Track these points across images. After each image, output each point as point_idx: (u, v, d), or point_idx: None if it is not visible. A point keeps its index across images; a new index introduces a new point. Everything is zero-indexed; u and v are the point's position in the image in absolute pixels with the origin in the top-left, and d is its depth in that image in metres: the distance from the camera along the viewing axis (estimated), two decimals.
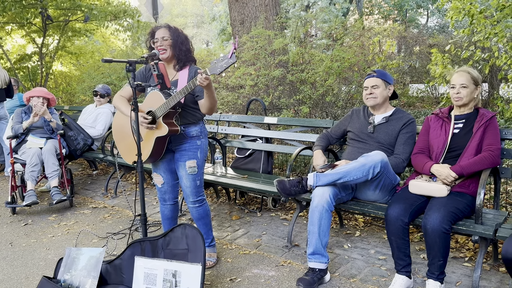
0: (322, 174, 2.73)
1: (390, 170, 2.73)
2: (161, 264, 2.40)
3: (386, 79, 3.01)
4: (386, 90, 3.01)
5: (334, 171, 2.70)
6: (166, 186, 2.98)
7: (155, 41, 2.75)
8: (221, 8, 21.95)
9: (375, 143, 2.98)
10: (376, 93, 2.98)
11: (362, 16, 17.24)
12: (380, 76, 3.00)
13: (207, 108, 2.70)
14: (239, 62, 6.43)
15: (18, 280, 2.93)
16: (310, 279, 2.60)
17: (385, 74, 3.04)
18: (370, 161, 2.63)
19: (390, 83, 3.03)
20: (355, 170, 2.63)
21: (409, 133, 2.94)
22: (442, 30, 17.67)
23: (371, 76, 3.04)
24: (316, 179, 2.73)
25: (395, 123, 2.98)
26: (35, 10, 7.76)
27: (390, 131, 2.96)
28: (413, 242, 3.24)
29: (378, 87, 2.99)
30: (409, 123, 2.96)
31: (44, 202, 4.71)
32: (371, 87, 3.00)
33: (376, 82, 2.99)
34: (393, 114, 3.03)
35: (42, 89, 4.75)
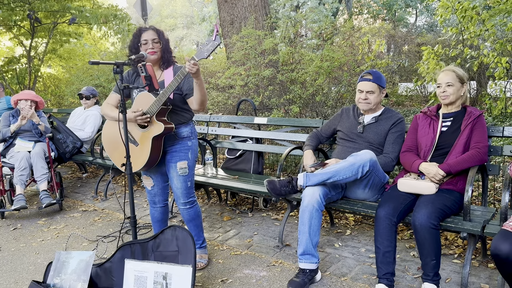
0: (311, 174, 2.74)
1: (379, 169, 2.75)
2: (151, 267, 2.39)
3: (381, 83, 2.99)
4: (380, 95, 3.01)
5: (324, 171, 2.71)
6: (156, 189, 2.97)
7: (143, 43, 2.74)
8: (211, 9, 21.93)
9: (365, 143, 2.99)
10: (371, 99, 2.97)
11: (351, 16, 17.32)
12: (375, 81, 2.96)
13: (199, 102, 2.65)
14: (229, 62, 6.42)
15: (7, 285, 2.89)
16: (301, 281, 2.60)
17: (380, 77, 3.01)
18: (359, 160, 2.64)
19: (384, 87, 3.02)
20: (344, 169, 2.64)
21: (398, 132, 2.95)
22: (430, 29, 17.82)
23: (366, 80, 2.98)
24: (306, 179, 2.73)
25: (384, 122, 2.99)
26: (23, 12, 7.69)
27: (380, 131, 2.98)
28: (403, 240, 3.26)
29: (373, 92, 2.96)
30: (398, 122, 2.97)
31: (33, 206, 4.66)
32: (366, 92, 2.97)
33: (371, 88, 2.96)
34: (382, 114, 3.04)
35: (30, 92, 4.70)
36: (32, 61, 8.66)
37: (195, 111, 2.82)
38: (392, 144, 2.93)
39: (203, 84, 2.60)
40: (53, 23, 8.33)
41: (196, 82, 2.56)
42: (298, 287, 2.58)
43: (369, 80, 2.96)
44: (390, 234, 2.47)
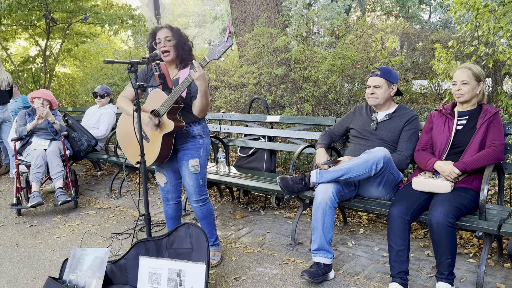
0: (324, 171, 2.73)
1: (393, 167, 2.73)
2: (165, 264, 2.41)
3: (390, 78, 2.96)
4: (388, 90, 2.97)
5: (337, 167, 2.70)
6: (169, 186, 2.99)
7: (157, 41, 2.76)
8: (223, 7, 21.97)
9: (378, 140, 2.97)
10: (378, 94, 2.95)
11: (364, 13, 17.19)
12: (383, 76, 2.95)
13: (198, 109, 2.69)
14: (242, 60, 6.43)
15: (24, 281, 2.95)
16: (314, 271, 2.61)
17: (389, 72, 2.98)
18: (372, 157, 2.63)
19: (393, 83, 2.98)
20: (357, 166, 2.63)
21: (412, 129, 2.92)
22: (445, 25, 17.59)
23: (374, 74, 2.99)
24: (319, 176, 2.73)
25: (398, 120, 2.96)
26: (39, 12, 7.80)
27: (393, 128, 2.95)
28: (417, 239, 3.24)
29: (380, 87, 2.95)
30: (412, 119, 2.94)
31: (49, 203, 4.73)
32: (373, 87, 2.96)
33: (378, 82, 2.95)
34: (396, 111, 3.01)
35: (44, 91, 4.78)
36: (47, 60, 8.78)
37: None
38: (406, 141, 2.90)
39: (206, 94, 2.61)
40: (68, 23, 8.44)
41: (199, 89, 2.57)
42: (312, 275, 2.59)
43: (377, 75, 2.96)
44: (403, 233, 2.45)
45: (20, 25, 8.53)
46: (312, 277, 2.58)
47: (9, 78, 5.84)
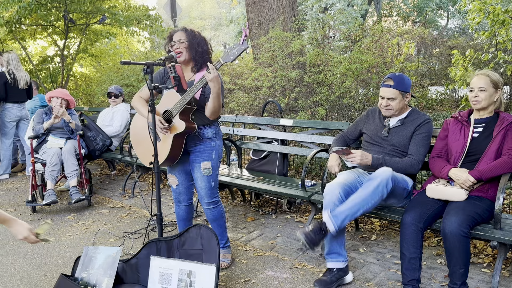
0: (339, 211, 2.56)
1: (399, 180, 2.67)
2: (176, 264, 2.42)
3: (404, 88, 2.82)
4: (403, 100, 2.85)
5: (350, 203, 2.56)
6: (181, 187, 3.01)
7: (172, 44, 2.79)
8: (239, 11, 22.04)
9: (389, 146, 2.90)
10: (392, 105, 2.83)
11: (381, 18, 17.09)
12: (397, 87, 2.80)
13: (210, 111, 2.71)
14: (256, 63, 6.44)
15: (37, 277, 2.99)
16: (327, 279, 2.61)
17: (402, 81, 2.83)
18: (380, 181, 2.54)
19: (407, 91, 2.86)
20: (370, 196, 2.54)
21: (424, 134, 2.81)
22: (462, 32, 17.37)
23: (387, 86, 2.83)
24: (335, 221, 2.54)
25: (410, 125, 2.87)
26: (59, 13, 7.94)
27: (405, 134, 2.86)
28: (430, 247, 3.20)
29: (394, 99, 2.82)
30: (424, 123, 2.83)
31: (63, 201, 4.80)
32: (387, 99, 2.83)
33: (392, 94, 2.81)
34: (409, 116, 2.91)
35: (62, 91, 4.85)
36: (65, 60, 8.92)
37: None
38: (416, 145, 2.80)
39: (219, 96, 2.62)
40: (86, 24, 8.57)
41: (212, 90, 2.58)
42: (323, 285, 2.59)
43: (390, 86, 2.81)
44: (416, 240, 2.43)
45: (40, 25, 8.69)
46: (322, 285, 2.59)
47: (27, 77, 5.94)
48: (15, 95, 5.83)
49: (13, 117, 5.88)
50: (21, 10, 6.62)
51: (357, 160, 2.70)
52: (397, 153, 2.85)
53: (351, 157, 2.73)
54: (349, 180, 2.77)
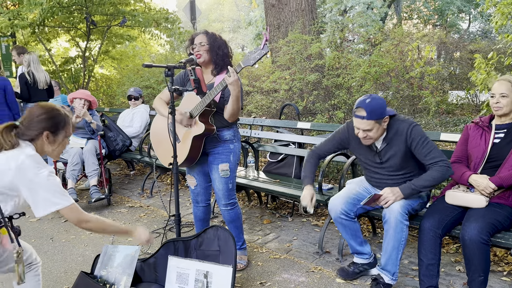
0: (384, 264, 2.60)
1: (412, 204, 2.59)
2: (193, 264, 2.45)
3: (378, 116, 2.50)
4: (381, 126, 2.55)
5: (387, 253, 2.56)
6: (199, 188, 3.04)
7: (193, 47, 2.83)
8: (257, 13, 22.10)
9: (388, 173, 2.71)
10: (371, 135, 2.55)
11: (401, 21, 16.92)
12: (371, 117, 2.49)
13: (229, 113, 2.74)
14: (274, 66, 6.46)
15: (58, 274, 3.06)
16: (350, 270, 2.83)
17: (375, 109, 2.49)
18: (395, 222, 2.48)
19: (384, 117, 2.53)
20: (396, 238, 2.50)
21: (420, 140, 2.53)
22: (484, 35, 17.06)
23: (359, 117, 2.52)
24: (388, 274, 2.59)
25: (397, 139, 2.60)
26: (81, 15, 8.11)
27: (397, 151, 2.61)
28: (448, 254, 3.15)
29: (370, 130, 2.53)
30: (411, 130, 2.55)
31: (83, 200, 4.89)
32: (363, 131, 2.55)
33: (368, 126, 2.51)
34: (389, 130, 2.62)
35: (84, 92, 4.95)
36: (86, 61, 9.10)
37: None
38: (427, 155, 2.52)
39: (238, 99, 2.65)
40: (107, 26, 8.73)
41: (232, 93, 2.61)
42: (346, 275, 2.80)
43: (363, 117, 2.50)
44: (434, 247, 2.41)
45: (62, 27, 8.88)
46: (342, 274, 2.81)
47: (47, 77, 6.06)
48: (36, 95, 5.97)
49: None
50: (44, 12, 6.78)
51: (391, 202, 2.53)
52: (399, 176, 2.68)
53: (384, 201, 2.55)
54: (354, 192, 2.79)
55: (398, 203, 2.51)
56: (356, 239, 2.77)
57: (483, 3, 4.67)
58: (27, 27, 7.33)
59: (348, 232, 2.74)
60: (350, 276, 2.80)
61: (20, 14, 6.97)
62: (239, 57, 9.68)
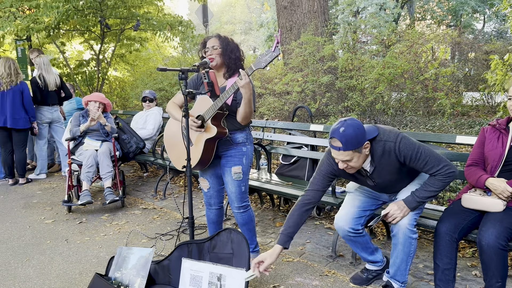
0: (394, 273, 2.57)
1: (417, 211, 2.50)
2: (207, 267, 2.46)
3: (355, 146, 2.27)
4: (361, 154, 2.33)
5: (396, 265, 2.52)
6: (212, 191, 3.05)
7: (206, 50, 2.84)
8: (269, 15, 22.14)
9: (386, 195, 2.67)
10: (353, 164, 2.34)
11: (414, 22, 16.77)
12: (347, 148, 2.27)
13: (242, 116, 2.73)
14: (287, 68, 6.45)
15: (73, 275, 3.09)
16: (364, 277, 2.81)
17: (350, 140, 2.26)
18: (402, 235, 2.44)
19: (362, 144, 2.30)
20: (405, 251, 2.46)
21: (412, 154, 2.32)
22: (500, 36, 16.83)
23: (336, 148, 2.31)
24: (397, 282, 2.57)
25: (385, 161, 2.40)
26: (95, 18, 8.21)
27: (390, 170, 2.43)
28: (464, 258, 3.11)
29: (350, 160, 2.33)
30: (399, 149, 2.33)
31: (97, 201, 4.94)
32: (342, 162, 2.36)
33: (346, 156, 2.30)
34: (373, 155, 2.41)
35: (99, 95, 5.00)
36: (100, 64, 9.20)
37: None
38: (424, 167, 2.34)
39: (250, 102, 2.64)
40: (121, 29, 8.81)
41: (244, 96, 2.61)
42: (360, 282, 2.77)
43: (339, 148, 2.28)
44: (450, 251, 2.37)
45: (77, 30, 9.00)
46: (355, 280, 2.79)
47: (57, 79, 6.14)
48: (46, 97, 6.06)
49: (45, 119, 6.11)
50: (59, 15, 6.87)
51: (399, 218, 2.43)
52: (398, 185, 2.57)
53: (392, 218, 2.45)
54: (357, 203, 2.68)
55: (405, 218, 2.44)
56: (367, 250, 2.73)
57: (498, 3, 4.60)
58: (42, 30, 7.44)
59: (358, 246, 2.71)
60: (363, 283, 2.78)
61: (37, 18, 7.09)
62: (251, 59, 9.69)
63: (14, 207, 4.82)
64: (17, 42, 8.57)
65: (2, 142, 5.79)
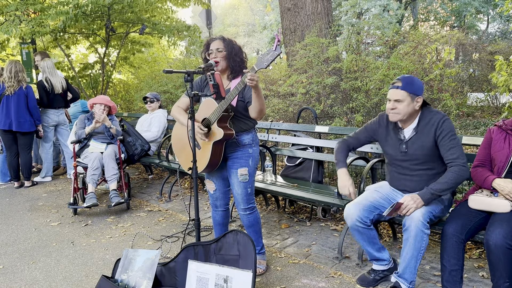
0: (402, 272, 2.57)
1: (432, 210, 2.53)
2: (213, 269, 2.46)
3: (413, 90, 2.54)
4: (412, 103, 2.56)
5: (405, 262, 2.52)
6: (218, 193, 3.05)
7: (209, 52, 2.84)
8: (272, 17, 22.18)
9: (413, 166, 2.67)
10: (399, 109, 2.56)
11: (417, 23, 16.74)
12: (405, 88, 2.53)
13: (257, 111, 2.71)
14: (291, 70, 6.45)
15: (79, 278, 3.10)
16: (371, 278, 2.80)
17: (412, 83, 2.55)
18: (415, 228, 2.44)
19: (418, 94, 2.55)
20: (415, 246, 2.45)
21: (448, 134, 2.52)
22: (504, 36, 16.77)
23: (394, 87, 2.58)
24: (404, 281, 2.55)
25: (427, 129, 2.59)
26: (101, 22, 8.25)
27: (425, 142, 2.60)
28: (471, 259, 3.09)
29: (401, 101, 2.54)
30: (442, 122, 2.55)
31: (102, 204, 4.95)
32: (394, 101, 2.57)
33: (400, 96, 2.54)
34: (421, 120, 2.63)
35: (104, 97, 5.03)
36: (105, 67, 9.24)
37: (255, 119, 2.87)
38: (450, 150, 2.51)
39: (261, 94, 2.64)
40: (125, 33, 8.85)
41: (254, 92, 2.60)
42: (367, 284, 2.77)
43: (398, 87, 2.55)
44: (457, 252, 2.36)
45: (82, 33, 9.05)
46: (361, 282, 2.78)
47: (63, 82, 6.17)
48: (54, 100, 6.10)
49: (51, 122, 6.14)
50: (67, 20, 6.91)
51: (413, 209, 2.47)
52: (424, 170, 2.66)
53: (405, 209, 2.49)
54: (371, 199, 2.71)
55: (419, 211, 2.46)
56: (374, 245, 2.74)
57: (502, 4, 4.60)
58: (48, 34, 7.48)
59: (365, 239, 2.71)
60: (370, 284, 2.77)
61: (42, 22, 7.13)
62: (254, 61, 9.71)
63: (19, 210, 4.84)
64: (21, 45, 8.61)
65: (7, 145, 5.83)
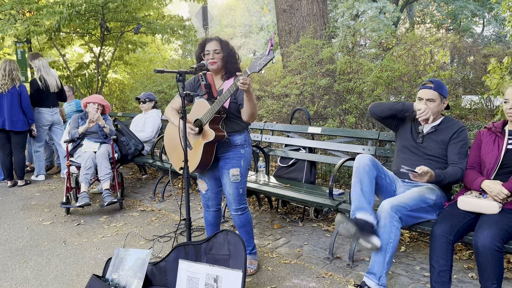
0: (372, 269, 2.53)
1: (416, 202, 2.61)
2: (203, 269, 2.46)
3: (443, 92, 2.84)
4: (441, 104, 2.86)
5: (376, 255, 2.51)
6: (210, 193, 3.05)
7: (205, 53, 2.84)
8: (269, 18, 22.20)
9: (424, 155, 2.85)
10: (431, 108, 2.82)
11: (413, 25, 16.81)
12: (437, 89, 2.81)
13: (248, 114, 2.72)
14: (285, 71, 6.47)
15: (70, 277, 3.09)
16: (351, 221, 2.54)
17: (442, 86, 2.85)
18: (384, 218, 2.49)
19: (445, 97, 2.86)
20: (383, 237, 2.47)
21: (462, 141, 2.78)
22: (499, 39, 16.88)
23: (427, 87, 2.84)
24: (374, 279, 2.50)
25: (445, 132, 2.84)
26: (96, 21, 8.23)
27: (440, 140, 2.83)
28: (461, 260, 3.11)
29: (433, 101, 2.83)
30: (460, 131, 2.80)
31: (95, 203, 4.94)
32: (426, 100, 2.83)
33: (432, 96, 2.82)
34: (442, 123, 2.89)
35: (98, 96, 5.02)
36: (100, 67, 9.22)
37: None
38: (457, 154, 2.75)
39: (253, 97, 2.64)
40: (121, 32, 8.84)
41: (246, 96, 2.60)
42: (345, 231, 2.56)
43: (430, 88, 2.82)
44: (446, 253, 2.38)
45: (77, 33, 9.02)
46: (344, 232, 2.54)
47: (58, 81, 6.16)
48: (48, 99, 6.08)
49: (45, 121, 6.12)
50: (62, 19, 6.89)
51: (425, 180, 2.61)
52: (432, 162, 2.81)
53: (419, 178, 2.62)
54: (382, 171, 2.78)
55: (389, 201, 2.51)
56: (371, 192, 2.61)
57: (497, 7, 4.63)
58: (43, 33, 7.46)
59: (367, 182, 2.61)
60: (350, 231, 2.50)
61: (38, 21, 7.10)
62: (248, 62, 9.71)
63: (12, 209, 4.82)
64: (16, 45, 8.59)
65: (0, 144, 5.80)
